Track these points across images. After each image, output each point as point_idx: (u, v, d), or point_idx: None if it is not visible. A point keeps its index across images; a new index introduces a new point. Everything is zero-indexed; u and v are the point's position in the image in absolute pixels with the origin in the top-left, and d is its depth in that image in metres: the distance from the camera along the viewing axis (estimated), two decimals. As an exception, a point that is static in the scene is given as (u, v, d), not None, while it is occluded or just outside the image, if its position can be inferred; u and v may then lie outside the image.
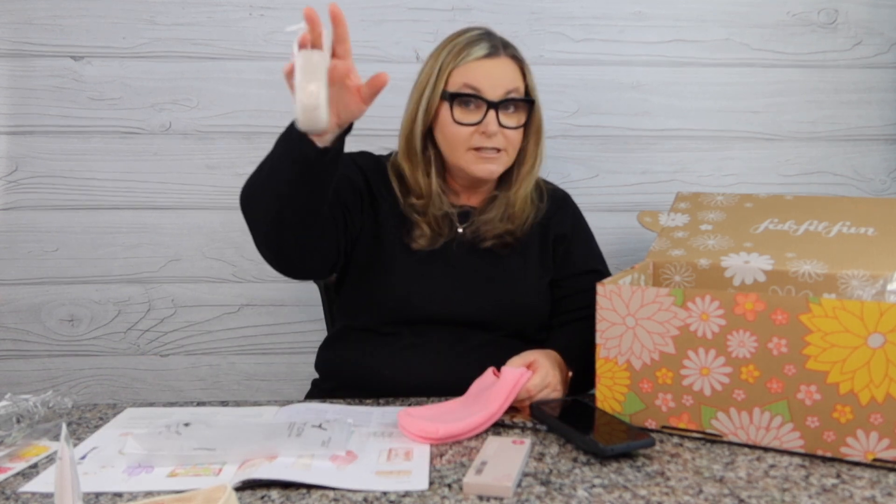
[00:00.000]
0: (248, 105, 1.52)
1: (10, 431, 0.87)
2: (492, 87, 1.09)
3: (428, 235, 1.14)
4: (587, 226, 1.28)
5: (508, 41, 1.15)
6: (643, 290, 0.88)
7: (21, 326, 1.55)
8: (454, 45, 1.11)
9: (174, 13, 1.49)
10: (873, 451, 0.78)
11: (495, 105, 1.08)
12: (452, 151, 1.13)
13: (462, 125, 1.09)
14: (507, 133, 1.11)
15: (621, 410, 0.92)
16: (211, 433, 0.84)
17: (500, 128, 1.09)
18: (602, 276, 1.21)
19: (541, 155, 1.18)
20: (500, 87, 1.09)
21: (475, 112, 1.09)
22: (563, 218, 1.23)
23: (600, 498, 0.72)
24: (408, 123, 1.15)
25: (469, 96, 1.08)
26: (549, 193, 1.23)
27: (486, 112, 1.08)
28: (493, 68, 1.10)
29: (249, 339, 1.58)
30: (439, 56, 1.12)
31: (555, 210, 1.22)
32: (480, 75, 1.09)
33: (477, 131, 1.09)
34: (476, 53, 1.10)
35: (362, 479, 0.76)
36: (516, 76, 1.12)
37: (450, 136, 1.11)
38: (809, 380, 0.80)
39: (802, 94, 1.57)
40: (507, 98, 1.09)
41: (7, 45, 1.48)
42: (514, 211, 1.16)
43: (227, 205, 1.54)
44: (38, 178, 1.51)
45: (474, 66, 1.09)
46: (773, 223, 1.05)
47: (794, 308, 0.79)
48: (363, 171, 1.18)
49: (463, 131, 1.10)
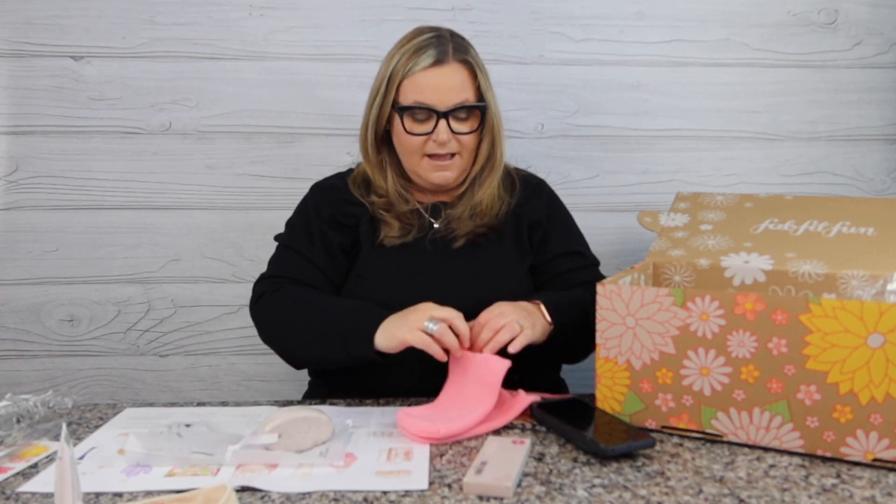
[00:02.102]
0: (248, 105, 1.52)
1: (10, 431, 0.87)
2: (440, 99, 1.09)
3: (397, 228, 1.15)
4: (564, 210, 1.27)
5: (461, 41, 1.14)
6: (643, 290, 0.88)
7: (21, 326, 1.55)
8: (404, 52, 1.11)
9: (174, 13, 1.49)
10: (873, 451, 0.78)
11: (445, 114, 1.09)
12: (408, 159, 1.15)
13: (414, 135, 1.11)
14: (461, 138, 1.12)
15: (621, 410, 0.92)
16: (211, 437, 0.84)
17: (454, 134, 1.10)
18: (583, 258, 1.21)
19: (499, 154, 1.18)
20: (448, 98, 1.09)
21: (426, 122, 1.10)
22: (538, 204, 1.22)
23: (600, 498, 0.72)
24: (362, 129, 1.18)
25: (417, 108, 1.09)
26: (521, 181, 1.23)
27: (436, 122, 1.09)
28: (441, 79, 1.09)
29: (249, 340, 1.58)
30: (390, 63, 1.12)
31: (528, 197, 1.22)
32: (428, 88, 1.09)
33: (429, 140, 1.11)
34: (423, 63, 1.09)
35: (362, 479, 0.77)
36: (465, 83, 1.11)
37: (404, 145, 1.13)
38: (809, 380, 0.80)
39: (802, 94, 1.57)
40: (456, 106, 1.09)
41: (7, 45, 1.48)
42: (482, 209, 1.16)
43: (227, 205, 1.54)
44: (38, 178, 1.51)
45: (422, 78, 1.09)
46: (773, 223, 1.05)
47: (794, 308, 0.79)
48: (319, 210, 1.19)
49: (415, 140, 1.11)
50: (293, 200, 1.25)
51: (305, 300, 1.08)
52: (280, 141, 1.53)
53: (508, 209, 1.19)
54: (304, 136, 1.53)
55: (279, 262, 1.17)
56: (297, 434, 0.83)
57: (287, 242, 1.18)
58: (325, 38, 1.51)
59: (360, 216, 1.17)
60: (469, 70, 1.12)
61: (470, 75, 1.12)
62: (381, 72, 1.14)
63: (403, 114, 1.10)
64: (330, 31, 1.51)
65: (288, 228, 1.21)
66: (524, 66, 1.54)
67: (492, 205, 1.17)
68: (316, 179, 1.26)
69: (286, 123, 1.53)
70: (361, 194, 1.18)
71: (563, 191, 1.31)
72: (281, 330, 1.09)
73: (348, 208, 1.18)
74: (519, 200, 1.20)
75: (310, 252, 1.15)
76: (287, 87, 1.52)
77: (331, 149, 1.53)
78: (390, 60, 1.13)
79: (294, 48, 1.51)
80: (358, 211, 1.17)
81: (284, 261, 1.16)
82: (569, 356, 1.17)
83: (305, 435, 0.83)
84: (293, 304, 1.08)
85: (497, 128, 1.17)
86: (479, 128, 1.14)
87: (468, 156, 1.15)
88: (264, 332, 1.12)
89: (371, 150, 1.17)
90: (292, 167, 1.53)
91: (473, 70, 1.13)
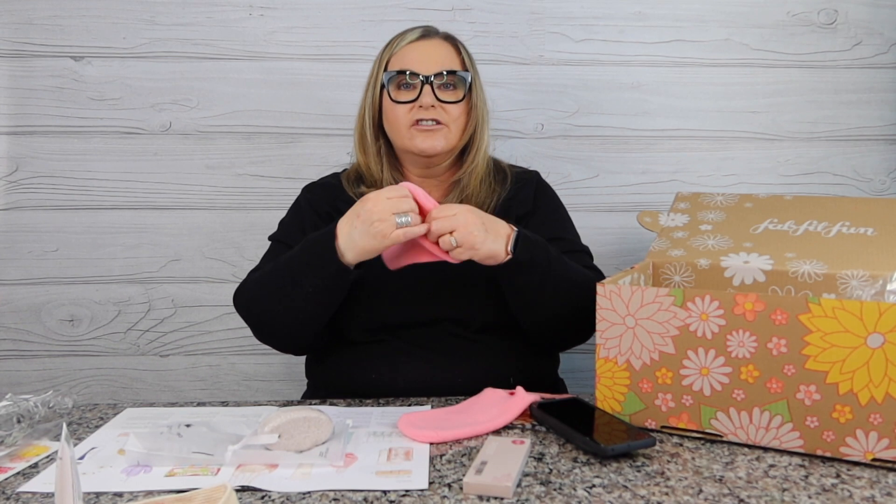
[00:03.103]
0: (248, 105, 1.52)
1: (10, 431, 0.87)
2: (424, 65, 1.13)
3: None
4: (553, 200, 1.26)
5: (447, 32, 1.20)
6: (643, 290, 0.88)
7: (21, 326, 1.55)
8: (391, 39, 1.18)
9: (174, 13, 1.49)
10: (873, 450, 0.78)
11: (429, 79, 1.11)
12: (397, 133, 1.15)
13: (400, 103, 1.13)
14: (447, 108, 1.13)
15: (621, 410, 0.92)
16: (211, 437, 0.84)
17: (439, 102, 1.12)
18: (568, 244, 1.18)
19: (484, 135, 1.19)
20: (433, 64, 1.13)
21: (412, 90, 1.13)
22: (526, 195, 1.22)
23: (600, 498, 0.72)
24: (359, 118, 1.21)
25: (402, 73, 1.12)
26: (514, 175, 1.23)
27: (421, 88, 1.12)
28: (426, 49, 1.15)
29: (249, 340, 1.58)
30: (380, 53, 1.19)
31: (518, 189, 1.22)
32: (413, 56, 1.14)
33: (415, 107, 1.12)
34: (409, 38, 1.16)
35: (362, 479, 0.77)
36: (450, 56, 1.16)
37: (392, 119, 1.15)
38: (809, 380, 0.80)
39: (802, 94, 1.57)
40: (440, 71, 1.12)
41: (7, 45, 1.48)
42: (468, 193, 1.17)
43: (227, 205, 1.54)
44: (38, 178, 1.52)
45: (408, 50, 1.15)
46: (772, 223, 1.05)
47: (794, 308, 0.79)
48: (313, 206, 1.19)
49: (402, 109, 1.13)
50: (293, 200, 1.25)
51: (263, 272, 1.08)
52: (280, 141, 1.53)
53: (498, 201, 1.19)
54: (304, 136, 1.53)
55: (265, 258, 1.17)
56: (297, 434, 0.83)
57: (277, 237, 1.19)
58: (325, 38, 1.51)
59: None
60: (453, 45, 1.18)
61: (454, 50, 1.17)
62: (373, 63, 1.19)
63: (390, 83, 1.13)
64: (330, 31, 1.51)
65: (280, 226, 1.21)
66: (524, 66, 1.54)
67: (478, 191, 1.17)
68: (315, 180, 1.26)
69: (286, 123, 1.53)
70: (354, 190, 1.18)
71: (563, 191, 1.32)
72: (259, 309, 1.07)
73: (343, 207, 1.17)
74: (509, 194, 1.20)
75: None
76: (287, 87, 1.52)
77: (331, 149, 1.54)
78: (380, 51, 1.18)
79: (294, 48, 1.51)
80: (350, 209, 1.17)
81: (271, 255, 1.16)
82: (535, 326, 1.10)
83: (305, 435, 0.83)
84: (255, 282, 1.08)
85: (482, 108, 1.19)
86: (464, 99, 1.15)
87: (456, 129, 1.16)
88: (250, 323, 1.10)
89: (369, 136, 1.19)
90: (292, 167, 1.53)
91: (458, 47, 1.18)
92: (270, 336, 1.11)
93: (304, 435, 0.83)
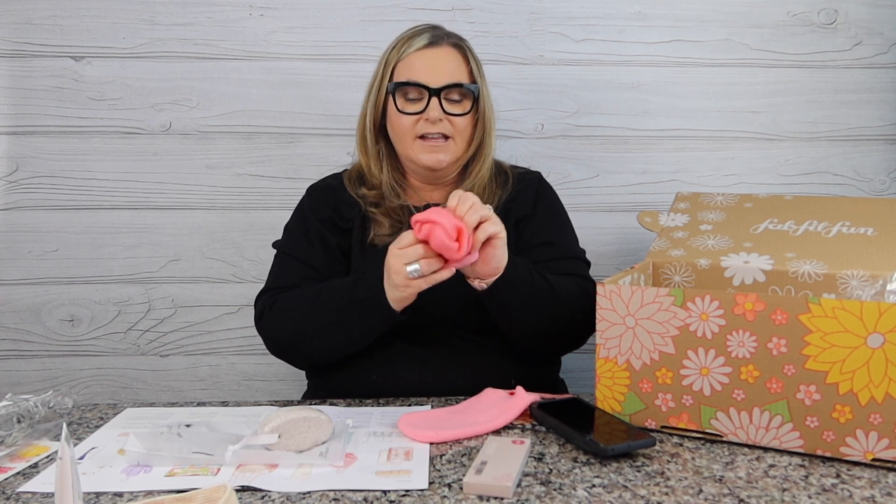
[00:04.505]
0: (248, 105, 1.52)
1: (10, 431, 0.87)
2: (433, 76, 1.10)
3: (387, 227, 1.14)
4: (554, 203, 1.24)
5: (456, 34, 1.17)
6: (643, 290, 0.88)
7: (21, 326, 1.55)
8: (398, 40, 1.15)
9: (174, 13, 1.49)
10: (873, 450, 0.78)
11: (437, 92, 1.10)
12: (401, 142, 1.14)
13: (406, 114, 1.11)
14: (454, 120, 1.12)
15: (621, 410, 0.92)
16: (211, 437, 0.84)
17: (446, 115, 1.11)
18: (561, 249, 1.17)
19: (490, 144, 1.18)
20: (441, 76, 1.10)
21: (419, 102, 1.11)
22: (527, 198, 1.21)
23: (600, 498, 0.72)
24: (361, 119, 1.20)
25: (410, 85, 1.10)
26: (515, 177, 1.22)
27: (428, 100, 1.10)
28: (434, 59, 1.12)
29: (249, 340, 1.58)
30: (386, 53, 1.15)
31: (519, 192, 1.21)
32: (421, 67, 1.11)
33: (421, 119, 1.11)
34: (417, 44, 1.12)
35: (362, 479, 0.77)
36: (458, 66, 1.13)
37: (397, 127, 1.13)
38: (809, 380, 0.80)
39: (802, 94, 1.57)
40: (448, 84, 1.10)
41: (7, 45, 1.48)
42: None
43: (227, 205, 1.54)
44: (38, 178, 1.51)
45: (416, 58, 1.12)
46: (772, 223, 1.05)
47: (794, 308, 0.79)
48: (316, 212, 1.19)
49: (407, 120, 1.12)
50: (293, 200, 1.25)
51: (302, 302, 1.07)
52: (280, 141, 1.53)
53: (499, 204, 1.18)
54: (304, 136, 1.53)
55: (277, 273, 1.17)
56: (297, 434, 0.83)
57: (285, 248, 1.18)
58: (325, 38, 1.51)
59: (353, 219, 1.17)
60: (462, 55, 1.15)
61: (463, 59, 1.15)
62: (378, 63, 1.17)
63: (396, 92, 1.11)
64: (330, 31, 1.51)
65: (286, 233, 1.21)
66: (524, 66, 1.54)
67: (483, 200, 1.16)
68: (316, 180, 1.27)
69: (286, 123, 1.53)
70: (355, 190, 1.18)
71: (563, 191, 1.31)
72: (294, 339, 1.08)
73: (344, 210, 1.18)
74: (510, 196, 1.20)
75: (307, 254, 1.14)
76: (287, 87, 1.52)
77: (331, 149, 1.54)
78: (385, 53, 1.16)
79: (294, 48, 1.51)
80: (352, 213, 1.17)
81: (282, 270, 1.16)
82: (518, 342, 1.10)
83: (305, 435, 0.83)
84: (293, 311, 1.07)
85: (489, 117, 1.17)
86: (471, 111, 1.14)
87: (462, 142, 1.15)
88: (276, 347, 1.12)
89: (370, 139, 1.18)
90: (292, 167, 1.53)
91: (466, 56, 1.15)
92: (294, 358, 1.13)
93: (304, 435, 0.83)
